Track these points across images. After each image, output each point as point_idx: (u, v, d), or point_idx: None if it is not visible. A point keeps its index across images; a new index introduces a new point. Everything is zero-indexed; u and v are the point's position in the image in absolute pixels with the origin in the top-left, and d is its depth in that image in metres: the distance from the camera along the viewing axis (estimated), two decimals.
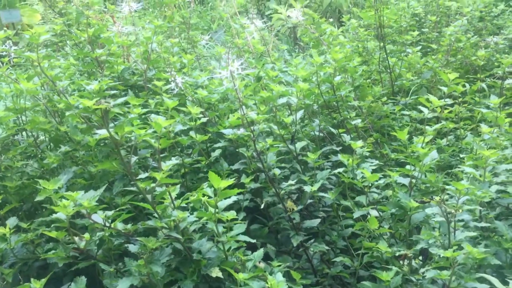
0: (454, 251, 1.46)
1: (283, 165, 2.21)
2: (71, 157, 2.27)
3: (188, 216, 1.54)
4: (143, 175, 1.50)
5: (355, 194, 2.35)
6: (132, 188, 1.69)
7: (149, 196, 1.49)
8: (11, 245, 1.67)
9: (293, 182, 1.95)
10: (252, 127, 1.97)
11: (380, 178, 1.93)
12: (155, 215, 1.54)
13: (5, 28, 5.02)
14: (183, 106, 2.34)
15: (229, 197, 1.55)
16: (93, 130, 2.03)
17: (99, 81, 1.79)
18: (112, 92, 2.06)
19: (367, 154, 2.42)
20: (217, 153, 2.22)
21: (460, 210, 1.48)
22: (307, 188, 1.95)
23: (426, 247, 1.57)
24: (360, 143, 2.05)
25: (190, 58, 2.90)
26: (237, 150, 2.22)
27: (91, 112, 1.44)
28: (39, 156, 2.25)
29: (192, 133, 2.21)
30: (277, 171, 1.95)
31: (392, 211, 1.86)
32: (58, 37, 3.41)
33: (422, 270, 1.54)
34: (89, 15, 2.58)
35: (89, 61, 2.87)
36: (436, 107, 2.13)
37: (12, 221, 1.75)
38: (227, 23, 6.97)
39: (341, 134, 2.46)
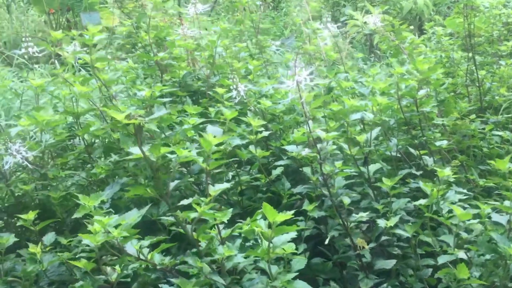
0: None
1: (353, 189, 1.94)
2: (124, 167, 2.12)
3: (236, 255, 1.31)
4: (185, 201, 1.29)
5: (434, 223, 2.03)
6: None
7: (189, 228, 1.28)
8: (44, 266, 1.51)
9: (364, 215, 1.66)
10: (319, 145, 1.71)
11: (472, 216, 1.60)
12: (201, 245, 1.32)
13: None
14: (246, 116, 2.13)
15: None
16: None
17: (151, 87, 1.61)
18: (165, 99, 1.87)
19: (452, 179, 2.09)
20: (278, 171, 1.99)
21: None
22: (381, 223, 1.66)
23: None
24: (448, 171, 1.73)
25: (257, 64, 2.69)
26: (300, 169, 1.97)
27: (121, 128, 1.25)
28: (90, 164, 2.12)
29: (251, 148, 1.99)
30: (346, 200, 1.67)
31: (487, 257, 1.53)
32: (123, 39, 3.32)
33: None
34: (151, 16, 2.44)
35: (153, 65, 2.75)
36: None
37: (49, 238, 1.60)
38: (300, 29, 6.73)
39: (422, 156, 2.14)
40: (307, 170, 1.87)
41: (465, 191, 2.02)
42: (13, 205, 2.05)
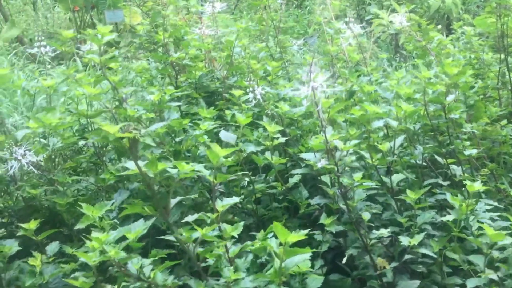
0: None
1: (375, 199, 1.82)
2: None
3: (243, 279, 1.21)
4: (190, 218, 1.20)
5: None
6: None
7: (191, 249, 1.19)
8: (45, 278, 1.44)
9: (385, 231, 1.55)
10: (337, 154, 1.60)
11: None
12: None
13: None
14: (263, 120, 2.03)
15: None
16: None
17: (160, 90, 1.53)
18: (177, 103, 1.79)
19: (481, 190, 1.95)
20: (295, 179, 1.89)
21: None
22: (404, 241, 1.54)
23: None
24: (478, 184, 1.60)
25: (276, 65, 2.58)
26: (319, 177, 1.86)
27: (114, 142, 1.17)
28: (102, 169, 2.04)
29: (267, 154, 1.89)
30: (366, 216, 1.56)
31: None
32: (141, 37, 3.26)
33: None
34: (167, 14, 2.35)
35: (169, 65, 2.67)
36: None
37: (53, 247, 1.53)
38: (323, 28, 6.59)
39: (450, 166, 2.01)
40: (325, 179, 1.76)
41: (495, 203, 1.89)
42: (23, 209, 2.00)
